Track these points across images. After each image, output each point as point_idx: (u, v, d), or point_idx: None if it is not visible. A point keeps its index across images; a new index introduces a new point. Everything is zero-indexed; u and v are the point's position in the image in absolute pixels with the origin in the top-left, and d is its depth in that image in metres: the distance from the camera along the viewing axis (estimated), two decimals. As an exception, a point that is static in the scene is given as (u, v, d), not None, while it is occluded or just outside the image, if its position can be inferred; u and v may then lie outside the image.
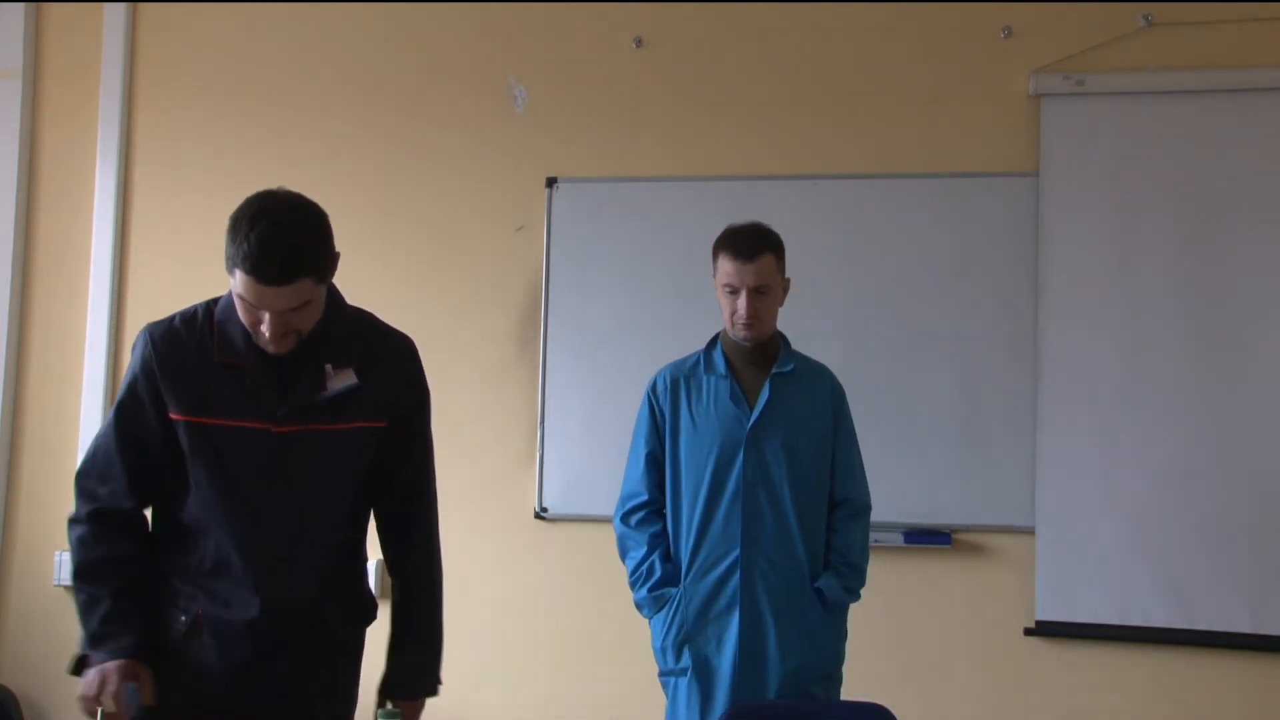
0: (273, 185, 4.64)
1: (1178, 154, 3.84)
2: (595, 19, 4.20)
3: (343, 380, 2.22)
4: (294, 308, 2.13)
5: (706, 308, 3.91)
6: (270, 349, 2.16)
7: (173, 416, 2.20)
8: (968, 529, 3.89)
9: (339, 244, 4.61)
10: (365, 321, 2.37)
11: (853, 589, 2.94)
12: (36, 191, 4.46)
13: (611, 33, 4.19)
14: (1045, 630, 3.79)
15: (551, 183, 4.15)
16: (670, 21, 4.16)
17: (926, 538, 3.87)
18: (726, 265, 2.89)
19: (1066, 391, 3.82)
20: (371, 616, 2.47)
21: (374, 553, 4.24)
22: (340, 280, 4.50)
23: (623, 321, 4.06)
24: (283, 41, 4.38)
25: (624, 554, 3.00)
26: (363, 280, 4.23)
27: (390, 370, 2.33)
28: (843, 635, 2.96)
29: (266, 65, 4.38)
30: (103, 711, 2.13)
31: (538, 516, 4.08)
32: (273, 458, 2.21)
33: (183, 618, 2.23)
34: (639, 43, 4.18)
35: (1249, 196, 3.79)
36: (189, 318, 2.26)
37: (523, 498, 4.10)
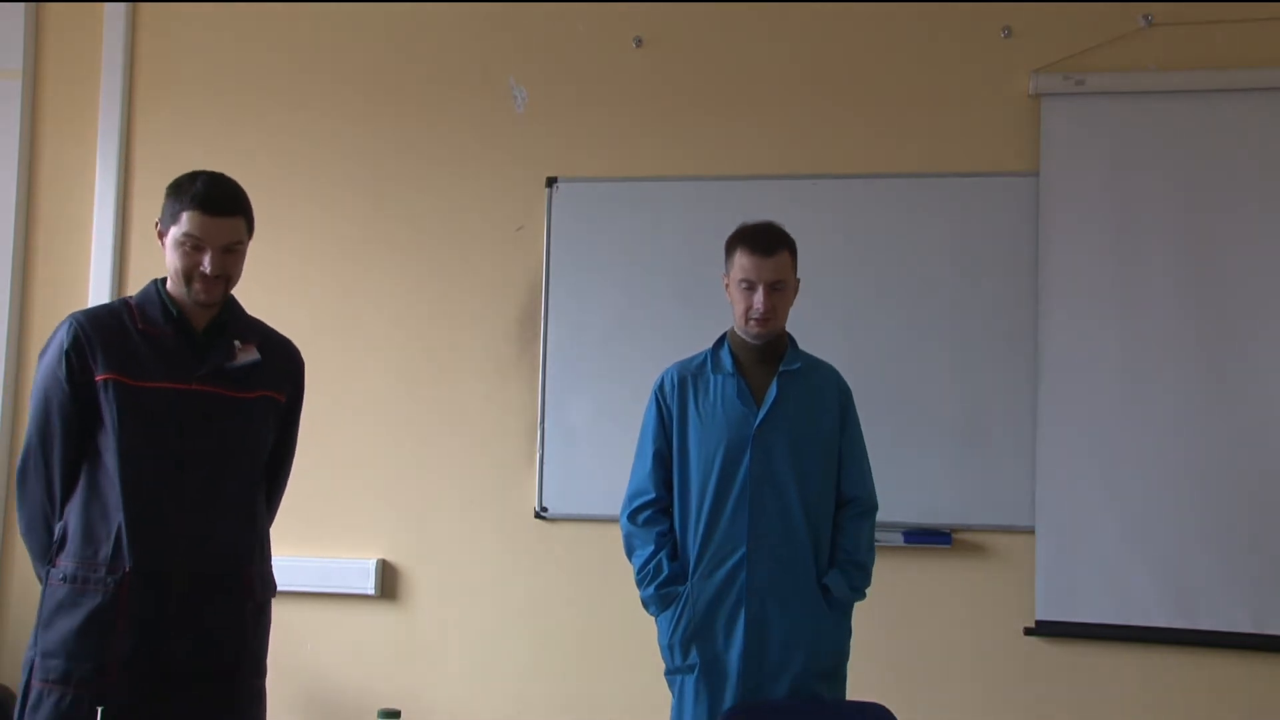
0: (273, 185, 4.68)
1: (1178, 154, 3.84)
2: (595, 19, 4.20)
3: (248, 355, 2.57)
4: (230, 247, 2.50)
5: (706, 308, 3.92)
6: (203, 297, 2.49)
7: (100, 378, 2.45)
8: (968, 529, 3.89)
9: (342, 242, 4.64)
10: (261, 322, 2.72)
11: (859, 588, 2.95)
12: (36, 191, 4.46)
13: (611, 33, 4.19)
14: (1045, 630, 3.79)
15: (551, 183, 4.15)
16: (670, 21, 4.16)
17: (926, 538, 3.87)
18: (744, 260, 2.90)
19: (1066, 391, 3.82)
20: (273, 588, 2.69)
21: (376, 552, 4.28)
22: (343, 279, 4.53)
23: (623, 321, 4.06)
24: (283, 41, 4.38)
25: (630, 552, 3.01)
26: (363, 280, 4.26)
27: (283, 356, 2.70)
28: (847, 633, 2.96)
29: (266, 65, 4.38)
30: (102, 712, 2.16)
31: (538, 516, 4.08)
32: (191, 416, 2.49)
33: (110, 579, 2.41)
34: (639, 42, 4.18)
35: (1249, 196, 3.79)
36: (107, 306, 2.61)
37: (523, 498, 4.10)
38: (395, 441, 4.19)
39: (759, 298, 2.88)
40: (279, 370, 2.66)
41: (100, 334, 2.48)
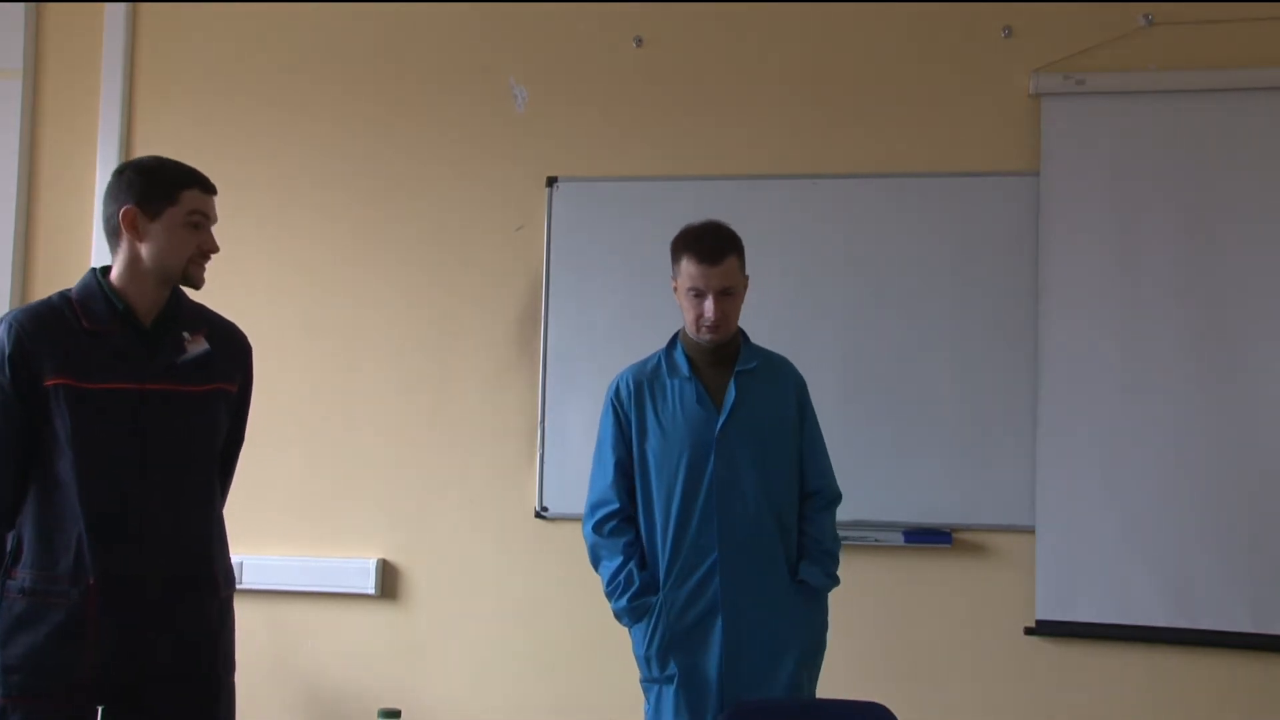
0: (273, 185, 4.68)
1: (1178, 153, 3.84)
2: (595, 19, 4.20)
3: (198, 346, 2.50)
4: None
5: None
6: (200, 278, 2.50)
7: (49, 384, 2.35)
8: (968, 529, 3.88)
9: (342, 242, 4.64)
10: (204, 308, 2.64)
11: (832, 573, 2.95)
12: (36, 191, 4.46)
13: (611, 33, 4.19)
14: (1045, 630, 3.79)
15: (551, 183, 4.15)
16: (670, 21, 4.16)
17: (926, 537, 3.87)
18: (691, 269, 2.88)
19: (1067, 391, 3.82)
20: (234, 582, 2.66)
21: (376, 552, 4.28)
22: (343, 279, 4.53)
23: (623, 321, 4.06)
24: (283, 41, 4.38)
25: (596, 563, 2.99)
26: (363, 280, 4.26)
27: (232, 344, 2.63)
28: (824, 622, 2.97)
29: (267, 65, 4.38)
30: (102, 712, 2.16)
31: (538, 516, 4.08)
32: (148, 416, 2.42)
33: (74, 590, 2.35)
34: (639, 43, 4.18)
35: (1249, 196, 3.79)
36: (44, 302, 2.47)
37: (523, 498, 4.10)
38: (395, 442, 4.19)
39: (709, 306, 2.86)
40: (229, 360, 2.60)
41: (44, 335, 2.38)
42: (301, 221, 4.31)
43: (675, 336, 3.02)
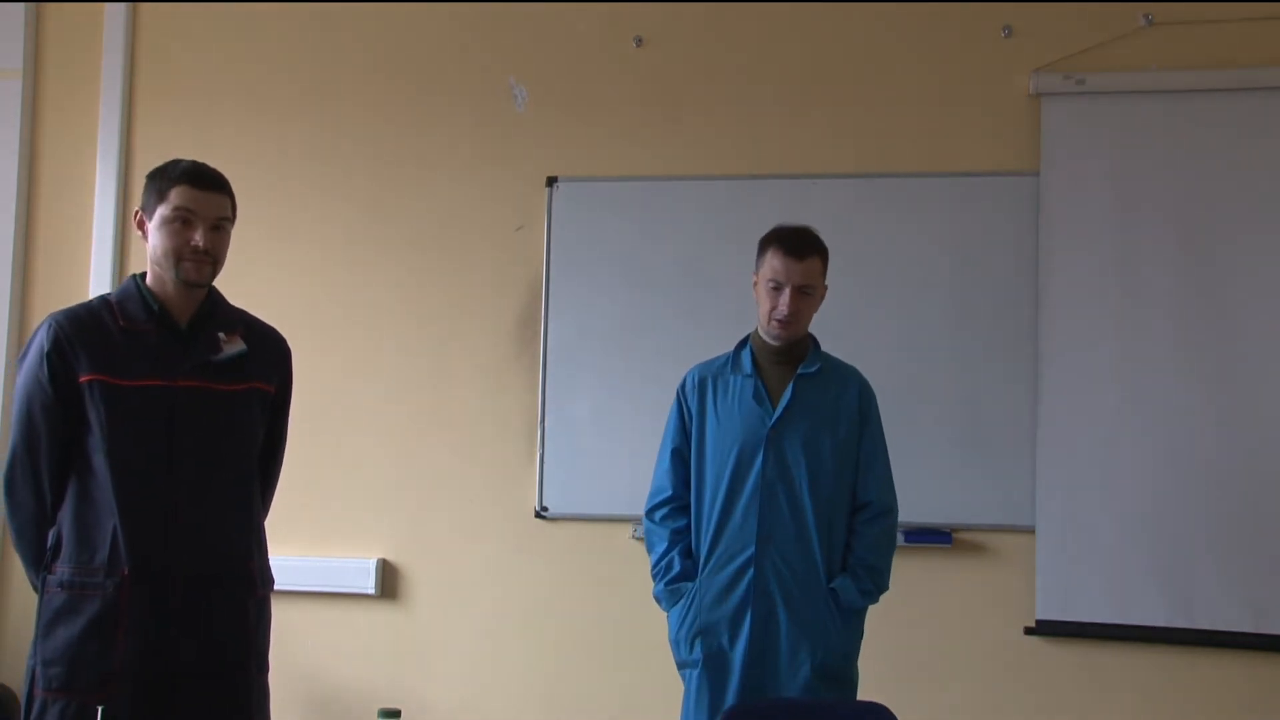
0: (274, 185, 4.68)
1: (1178, 154, 3.84)
2: (595, 19, 4.20)
3: (233, 346, 2.54)
4: (219, 224, 2.51)
5: (706, 307, 3.93)
6: (193, 275, 2.48)
7: (83, 379, 2.41)
8: (968, 528, 3.89)
9: (341, 242, 4.64)
10: (244, 311, 2.69)
11: (869, 591, 2.95)
12: (36, 191, 4.46)
13: (611, 33, 4.19)
14: (1045, 630, 3.79)
15: (551, 183, 4.15)
16: (670, 21, 4.16)
17: (926, 537, 3.87)
18: (775, 261, 2.93)
19: (1066, 391, 3.82)
20: (272, 582, 2.68)
21: (376, 552, 4.27)
22: (342, 279, 4.53)
23: (623, 321, 4.06)
24: (283, 42, 4.38)
25: (649, 548, 3.06)
26: (363, 280, 4.26)
27: (270, 345, 2.68)
28: (857, 637, 2.97)
29: (267, 65, 4.38)
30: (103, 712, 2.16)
31: (538, 516, 4.08)
32: (179, 412, 2.46)
33: (109, 582, 2.39)
34: (639, 42, 4.18)
35: (1249, 196, 3.79)
36: (86, 305, 2.56)
37: (523, 497, 4.10)
38: (396, 441, 4.19)
39: (785, 299, 2.91)
40: (266, 360, 2.64)
41: (81, 334, 2.45)
42: (301, 221, 4.31)
43: (746, 338, 3.07)
